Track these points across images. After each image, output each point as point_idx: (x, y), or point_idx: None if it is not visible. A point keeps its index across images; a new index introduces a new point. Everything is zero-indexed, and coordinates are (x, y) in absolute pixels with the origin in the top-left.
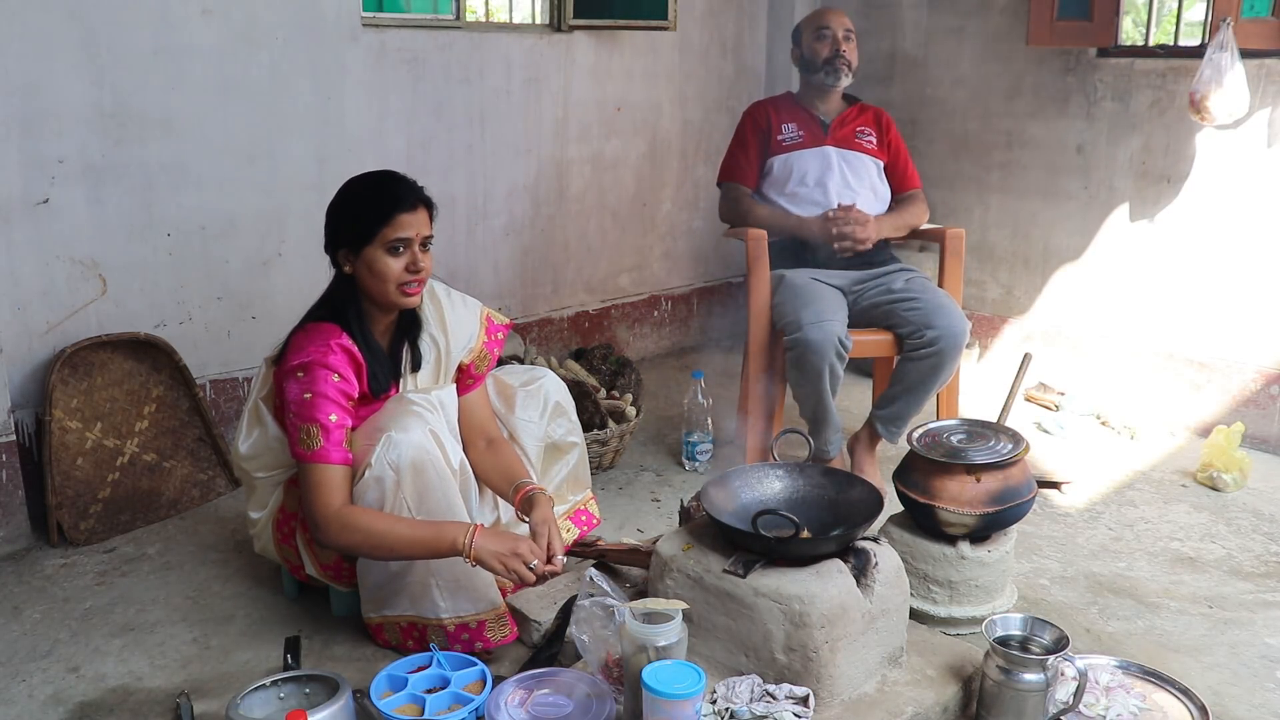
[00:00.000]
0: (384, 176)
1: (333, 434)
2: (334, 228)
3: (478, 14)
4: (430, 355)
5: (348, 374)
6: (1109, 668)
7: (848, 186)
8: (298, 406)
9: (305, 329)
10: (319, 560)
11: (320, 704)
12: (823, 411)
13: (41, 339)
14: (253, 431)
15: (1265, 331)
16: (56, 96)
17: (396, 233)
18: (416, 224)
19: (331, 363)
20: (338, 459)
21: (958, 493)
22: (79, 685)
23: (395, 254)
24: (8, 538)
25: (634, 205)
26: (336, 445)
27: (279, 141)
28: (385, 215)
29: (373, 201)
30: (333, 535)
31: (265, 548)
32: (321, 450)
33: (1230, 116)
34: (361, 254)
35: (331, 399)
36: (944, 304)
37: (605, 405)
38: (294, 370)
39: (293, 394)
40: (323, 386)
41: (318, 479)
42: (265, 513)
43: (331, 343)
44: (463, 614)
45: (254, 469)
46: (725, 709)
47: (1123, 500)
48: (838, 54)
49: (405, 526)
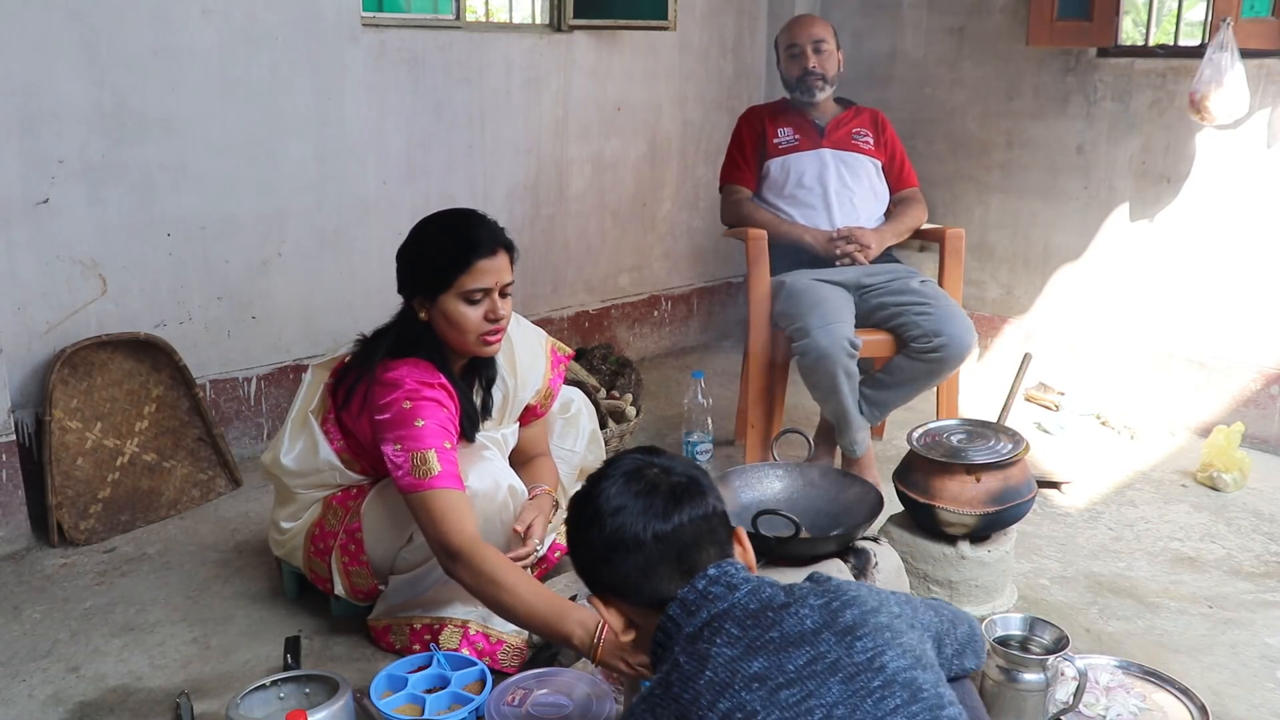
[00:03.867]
0: (461, 218)
1: (448, 462)
2: (408, 273)
3: (478, 14)
4: (498, 398)
5: (450, 407)
6: (1109, 668)
7: (846, 188)
8: (405, 431)
9: (401, 361)
10: (354, 583)
11: (320, 704)
12: (843, 413)
13: (41, 339)
14: (296, 444)
15: (1265, 331)
16: (56, 96)
17: (475, 282)
18: (496, 271)
19: (440, 397)
20: (458, 484)
21: (958, 493)
22: (79, 685)
23: (473, 303)
24: (8, 538)
25: (634, 205)
26: (453, 472)
27: (279, 141)
28: (463, 263)
29: (449, 247)
30: (461, 570)
31: (290, 554)
32: (441, 475)
33: (1230, 116)
34: (438, 302)
35: (444, 427)
36: (956, 313)
37: (605, 405)
38: (397, 398)
39: (397, 419)
40: (434, 414)
41: (445, 505)
42: (299, 524)
43: (433, 379)
44: (490, 626)
45: (295, 483)
46: None
47: (1123, 500)
48: (808, 71)
49: (532, 591)
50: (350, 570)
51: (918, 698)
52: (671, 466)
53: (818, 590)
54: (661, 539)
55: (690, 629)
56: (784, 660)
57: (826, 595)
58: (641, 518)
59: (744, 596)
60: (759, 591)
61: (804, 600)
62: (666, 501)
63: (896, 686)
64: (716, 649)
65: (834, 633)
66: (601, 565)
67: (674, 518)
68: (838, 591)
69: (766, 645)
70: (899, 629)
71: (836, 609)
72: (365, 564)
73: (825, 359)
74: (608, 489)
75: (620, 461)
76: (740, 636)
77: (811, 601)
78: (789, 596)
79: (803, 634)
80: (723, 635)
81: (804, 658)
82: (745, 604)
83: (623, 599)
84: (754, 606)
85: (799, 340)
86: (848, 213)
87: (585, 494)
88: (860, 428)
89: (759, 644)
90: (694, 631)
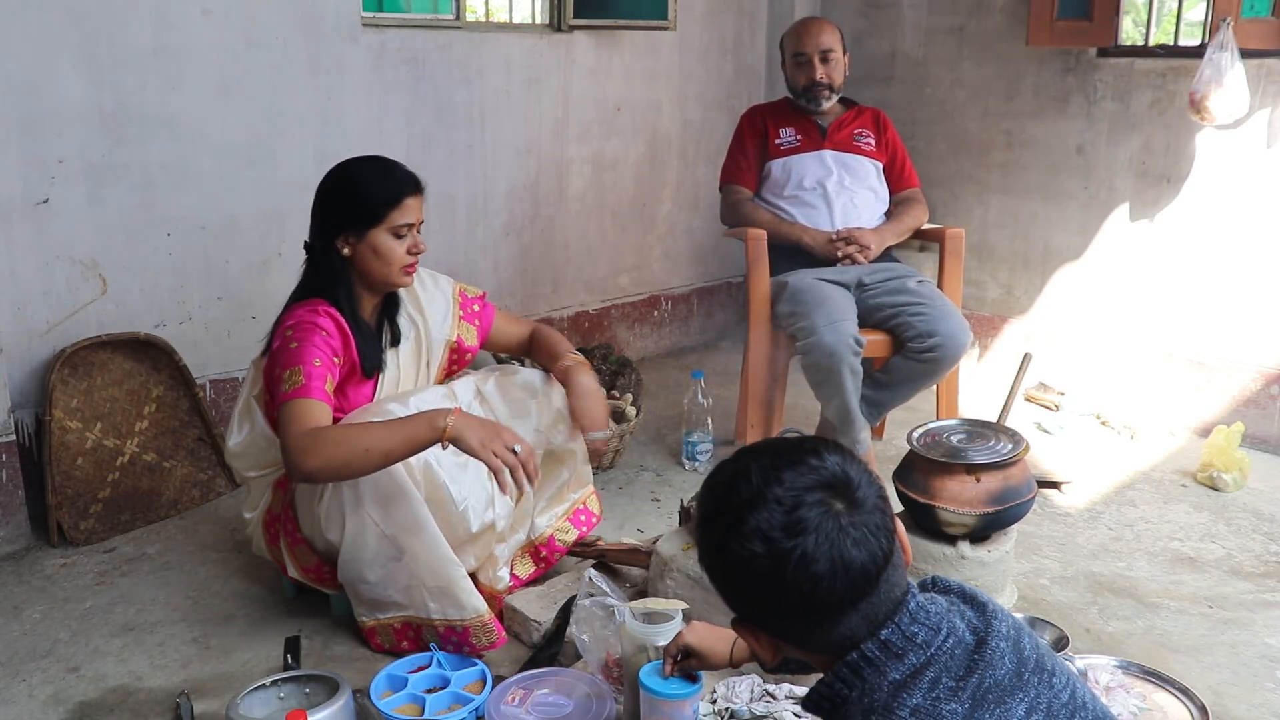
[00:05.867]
0: (383, 161)
1: (315, 377)
2: (333, 211)
3: (478, 14)
4: (410, 334)
5: (334, 335)
6: (1109, 668)
7: (846, 189)
8: (282, 356)
9: (299, 304)
10: (300, 563)
11: (320, 704)
12: (847, 412)
13: (41, 339)
14: (243, 428)
15: (1265, 331)
16: (56, 96)
17: (404, 217)
18: (418, 208)
19: (320, 322)
20: (319, 396)
21: (958, 493)
22: (79, 685)
23: (399, 237)
24: (8, 538)
25: (634, 205)
26: (319, 386)
27: (279, 141)
28: (395, 199)
29: (380, 185)
30: (308, 457)
31: (259, 547)
32: (302, 388)
33: (1230, 116)
34: (366, 237)
35: (318, 348)
36: (951, 313)
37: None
38: (281, 332)
39: (277, 348)
40: (310, 338)
41: (296, 411)
42: (256, 513)
43: (319, 309)
44: (450, 617)
45: (243, 467)
46: (725, 709)
47: (1123, 500)
48: (815, 82)
49: (381, 425)
50: (295, 550)
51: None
52: (861, 480)
53: (979, 613)
54: (866, 591)
55: (897, 675)
56: (1008, 714)
57: (990, 619)
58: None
59: (945, 638)
60: (953, 629)
61: (991, 633)
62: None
63: (1090, 716)
64: (946, 707)
65: (1030, 670)
66: (783, 601)
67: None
68: (994, 614)
69: (987, 698)
70: (1044, 646)
71: (1014, 638)
72: (303, 540)
73: (831, 357)
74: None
75: (806, 476)
76: (958, 689)
77: (997, 632)
78: (968, 627)
79: (1010, 678)
80: (941, 689)
81: (1023, 708)
82: (951, 649)
83: (784, 637)
84: (958, 650)
85: (804, 339)
86: (849, 213)
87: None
88: (862, 427)
89: (980, 697)
90: (901, 680)
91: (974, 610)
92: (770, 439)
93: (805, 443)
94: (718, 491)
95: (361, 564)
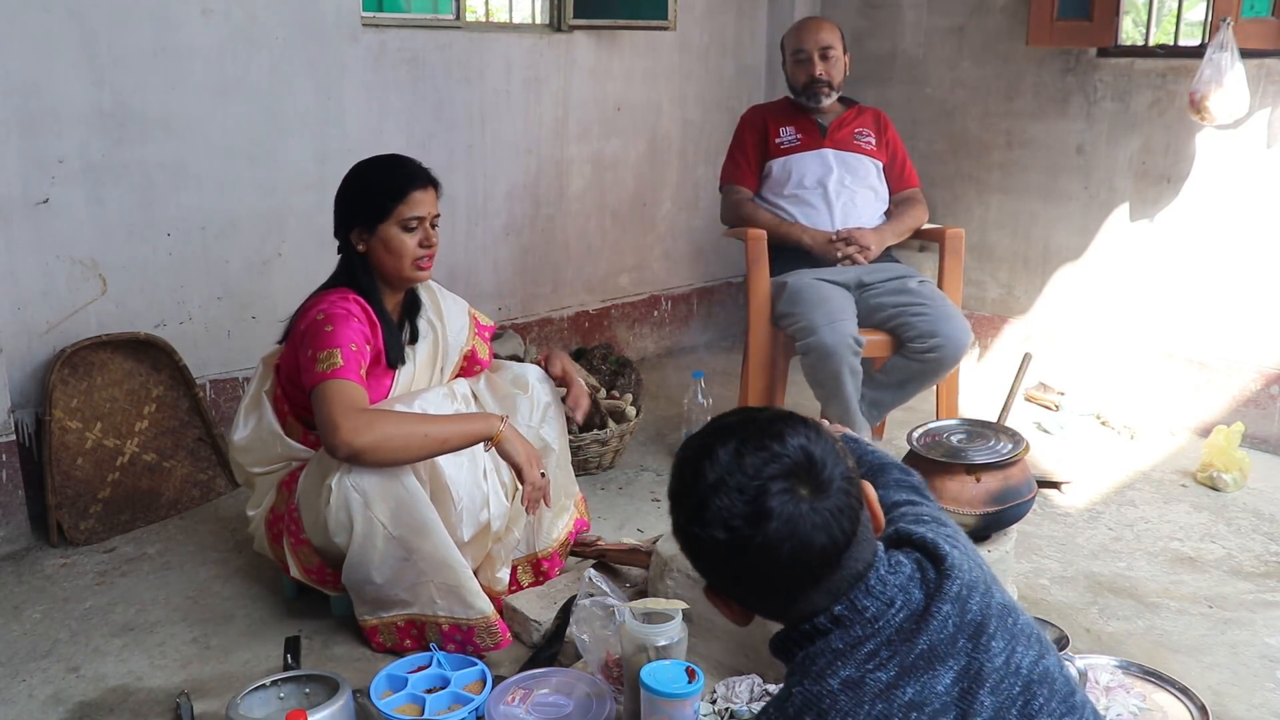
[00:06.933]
0: (395, 157)
1: (352, 359)
2: (347, 207)
3: (478, 14)
4: (428, 335)
5: (364, 323)
6: (1109, 668)
7: (846, 188)
8: (317, 338)
9: (326, 293)
10: (303, 564)
11: (320, 704)
12: (847, 411)
13: (41, 339)
14: (249, 421)
15: (1265, 331)
16: (56, 96)
17: (411, 210)
18: (428, 202)
19: (351, 309)
20: (356, 379)
21: (958, 493)
22: (79, 685)
23: (409, 230)
24: (8, 538)
25: (634, 205)
26: (355, 369)
27: (279, 141)
28: (400, 193)
29: (387, 180)
30: (361, 433)
31: (261, 546)
32: (341, 369)
33: (1230, 116)
34: (377, 231)
35: (354, 332)
36: (952, 313)
37: (605, 405)
38: (311, 316)
39: (307, 330)
40: (346, 322)
41: (336, 390)
42: (259, 511)
43: (349, 296)
44: (456, 615)
45: (247, 462)
46: (725, 709)
47: (1123, 500)
48: (814, 79)
49: (439, 416)
50: (298, 550)
51: (1054, 691)
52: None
53: (938, 569)
54: (830, 564)
55: (839, 644)
56: (933, 682)
57: (944, 577)
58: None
59: (896, 612)
60: (908, 599)
61: (939, 595)
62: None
63: (1034, 685)
64: (872, 676)
65: (968, 635)
66: (746, 580)
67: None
68: (950, 570)
69: (916, 665)
70: (1012, 605)
71: (963, 597)
72: (307, 541)
73: (831, 357)
74: (773, 498)
75: (775, 460)
76: (891, 657)
77: (945, 593)
78: (924, 593)
79: (945, 644)
80: (876, 660)
81: (949, 676)
82: (898, 621)
83: (748, 608)
84: (904, 620)
85: (804, 339)
86: (849, 213)
87: (753, 499)
88: (862, 427)
89: (909, 665)
90: (842, 648)
91: (935, 568)
92: (743, 409)
93: (774, 423)
94: (684, 472)
95: (369, 566)
